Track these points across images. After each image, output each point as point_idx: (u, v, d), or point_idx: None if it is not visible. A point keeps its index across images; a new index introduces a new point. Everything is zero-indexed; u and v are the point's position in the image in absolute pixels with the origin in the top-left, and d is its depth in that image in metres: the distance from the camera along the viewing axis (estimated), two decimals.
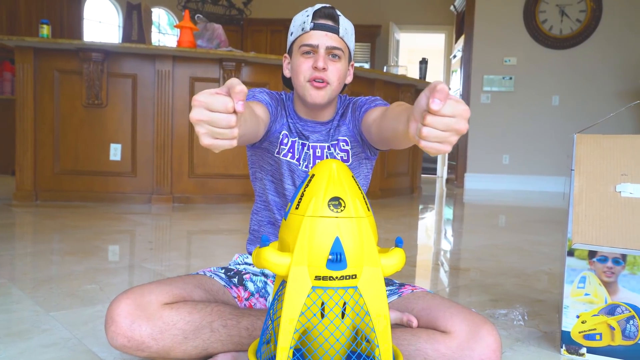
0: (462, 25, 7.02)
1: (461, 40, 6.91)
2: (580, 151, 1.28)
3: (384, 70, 5.44)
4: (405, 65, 5.66)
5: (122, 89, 3.87)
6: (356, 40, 8.17)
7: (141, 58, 3.86)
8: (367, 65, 8.04)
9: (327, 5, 1.16)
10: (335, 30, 1.14)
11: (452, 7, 7.59)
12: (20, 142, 3.74)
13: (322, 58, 1.12)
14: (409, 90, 5.08)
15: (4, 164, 5.74)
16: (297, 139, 1.21)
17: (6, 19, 6.14)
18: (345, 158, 1.22)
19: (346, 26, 1.16)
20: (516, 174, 6.39)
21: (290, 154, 1.20)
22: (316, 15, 1.14)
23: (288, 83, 1.26)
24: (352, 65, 1.24)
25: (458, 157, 6.67)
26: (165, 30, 8.49)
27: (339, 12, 1.17)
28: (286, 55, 1.23)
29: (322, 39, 1.13)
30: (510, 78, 6.38)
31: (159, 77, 3.86)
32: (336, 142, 1.22)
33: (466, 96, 6.57)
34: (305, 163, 1.20)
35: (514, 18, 6.35)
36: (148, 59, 3.85)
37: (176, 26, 3.98)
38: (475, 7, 6.45)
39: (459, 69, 6.98)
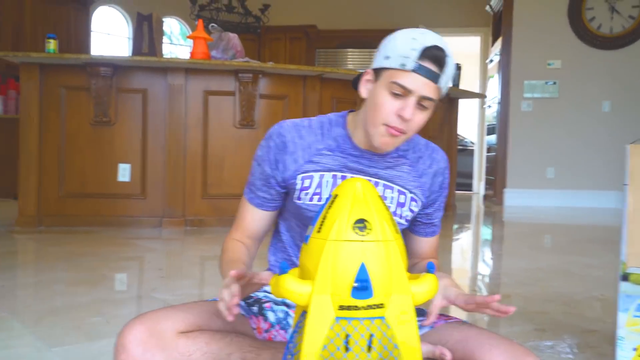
0: (499, 26, 7.00)
1: (498, 42, 6.89)
2: (634, 164, 1.26)
3: None
4: None
5: (132, 105, 3.94)
6: None
7: (152, 71, 3.94)
8: None
9: (439, 44, 1.04)
10: (437, 80, 1.04)
11: (487, 7, 7.59)
12: (24, 164, 3.83)
13: (411, 108, 1.04)
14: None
15: (6, 187, 5.88)
16: (337, 173, 1.15)
17: (11, 33, 6.34)
18: (405, 223, 1.19)
19: (449, 74, 1.06)
20: (562, 188, 6.28)
21: (317, 196, 1.14)
22: (424, 55, 1.03)
23: (356, 86, 1.18)
24: (436, 106, 1.13)
25: (496, 171, 6.60)
26: (177, 41, 8.67)
27: (448, 52, 1.05)
28: (370, 71, 1.11)
29: (420, 87, 1.03)
30: (554, 83, 6.32)
31: (171, 91, 3.92)
32: (404, 192, 1.17)
33: (505, 104, 6.52)
34: None
35: (558, 16, 6.30)
36: (159, 72, 3.93)
37: (189, 37, 4.06)
38: (513, 6, 6.44)
39: (497, 74, 6.95)
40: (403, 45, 1.04)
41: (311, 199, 1.15)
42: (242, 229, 1.25)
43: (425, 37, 1.04)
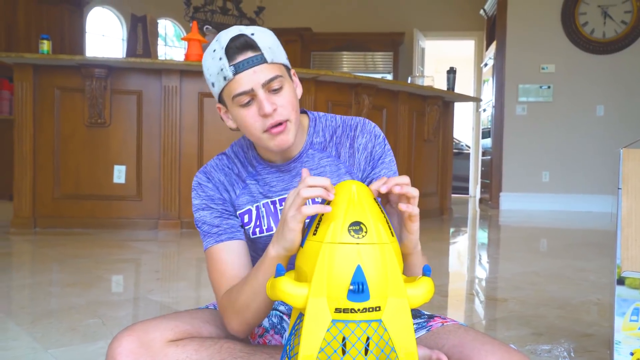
0: (493, 30, 7.02)
1: (493, 46, 6.91)
2: (627, 168, 1.27)
3: (408, 82, 5.45)
4: (432, 76, 5.66)
5: (127, 107, 3.94)
6: (378, 49, 8.22)
7: (146, 73, 3.93)
8: (389, 76, 8.08)
9: (235, 33, 1.01)
10: (261, 60, 1.00)
11: (481, 11, 7.61)
12: (18, 166, 3.82)
13: (265, 101, 1.00)
14: (435, 102, 5.08)
15: (1, 188, 5.87)
16: (267, 200, 1.13)
17: (4, 34, 6.33)
18: None
19: (268, 44, 1.03)
20: (557, 192, 6.30)
21: (258, 228, 1.12)
22: (230, 55, 0.99)
23: None
24: (294, 73, 1.12)
25: (492, 175, 6.62)
26: (172, 43, 8.66)
27: (251, 31, 1.02)
28: (219, 105, 1.09)
29: (252, 80, 1.00)
30: (549, 87, 6.35)
31: (166, 93, 3.92)
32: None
33: (500, 108, 6.55)
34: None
35: (551, 21, 6.33)
36: (154, 74, 3.93)
37: (184, 38, 4.06)
38: (507, 10, 6.46)
39: (491, 78, 6.97)
40: (212, 64, 1.02)
41: (254, 233, 1.13)
42: (228, 278, 1.07)
43: (220, 42, 1.01)
